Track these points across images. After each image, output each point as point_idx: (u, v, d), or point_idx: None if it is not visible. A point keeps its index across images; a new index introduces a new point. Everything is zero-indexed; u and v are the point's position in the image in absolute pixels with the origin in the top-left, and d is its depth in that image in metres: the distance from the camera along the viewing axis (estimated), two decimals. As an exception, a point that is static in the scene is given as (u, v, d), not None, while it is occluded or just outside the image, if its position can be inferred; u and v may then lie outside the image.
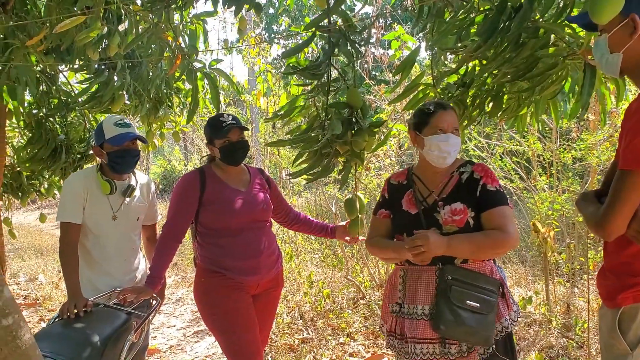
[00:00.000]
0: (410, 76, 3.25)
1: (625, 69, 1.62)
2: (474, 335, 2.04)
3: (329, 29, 2.39)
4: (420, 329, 2.11)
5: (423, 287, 2.15)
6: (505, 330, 2.12)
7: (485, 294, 2.08)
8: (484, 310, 2.05)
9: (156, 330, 5.08)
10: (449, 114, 2.17)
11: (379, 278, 5.36)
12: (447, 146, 2.14)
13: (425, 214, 2.18)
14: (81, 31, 2.57)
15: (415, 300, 2.16)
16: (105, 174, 2.76)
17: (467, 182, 2.18)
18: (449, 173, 2.23)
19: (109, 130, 2.70)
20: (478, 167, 2.22)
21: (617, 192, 1.49)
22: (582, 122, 5.10)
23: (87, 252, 2.73)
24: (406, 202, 2.27)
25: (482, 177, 2.16)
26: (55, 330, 2.23)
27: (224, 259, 2.62)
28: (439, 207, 2.15)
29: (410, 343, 2.13)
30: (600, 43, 1.65)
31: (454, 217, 2.12)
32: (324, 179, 6.47)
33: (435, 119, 2.16)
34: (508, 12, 2.09)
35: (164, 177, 18.26)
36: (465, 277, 2.09)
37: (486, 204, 2.12)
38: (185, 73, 2.81)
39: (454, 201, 2.14)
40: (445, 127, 2.14)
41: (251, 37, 6.47)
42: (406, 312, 2.18)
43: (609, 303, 1.67)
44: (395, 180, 2.39)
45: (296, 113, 2.65)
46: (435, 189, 2.22)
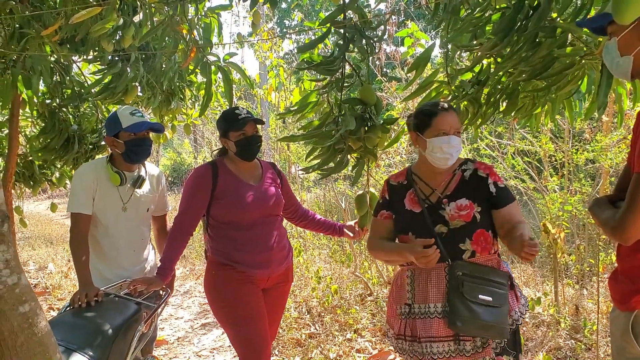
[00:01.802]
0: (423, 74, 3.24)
1: (637, 73, 1.61)
2: (489, 329, 2.04)
3: (344, 24, 2.38)
4: (435, 328, 2.10)
5: (434, 285, 2.14)
6: (515, 323, 2.13)
7: (496, 287, 2.09)
8: (496, 303, 2.06)
9: (164, 322, 5.10)
10: (450, 115, 2.17)
11: (387, 275, 5.35)
12: (450, 148, 2.14)
13: (430, 211, 2.18)
14: (96, 22, 2.58)
15: (427, 299, 2.15)
16: (116, 165, 2.78)
17: (471, 179, 2.21)
18: (451, 171, 2.25)
19: (126, 119, 2.71)
20: (480, 165, 2.25)
21: (635, 196, 1.47)
22: (595, 123, 5.07)
23: (96, 242, 2.75)
24: (409, 202, 2.27)
25: (489, 175, 2.20)
26: (66, 319, 2.24)
27: (235, 252, 2.63)
28: (444, 204, 2.17)
29: (425, 342, 2.11)
30: (610, 47, 1.64)
31: (461, 212, 2.13)
32: (334, 175, 6.47)
33: (437, 120, 2.16)
34: (525, 11, 2.08)
35: (174, 169, 18.32)
36: (475, 272, 2.10)
37: (503, 201, 2.16)
38: (199, 66, 2.81)
39: (459, 197, 2.17)
40: (447, 129, 2.14)
41: (264, 31, 6.47)
42: (417, 312, 2.17)
43: (622, 306, 1.66)
44: (394, 181, 2.39)
45: (309, 109, 2.65)
46: (438, 187, 2.23)
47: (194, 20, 2.89)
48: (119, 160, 2.79)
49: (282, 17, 20.93)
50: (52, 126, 3.67)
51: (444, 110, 2.18)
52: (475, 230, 2.14)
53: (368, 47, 2.46)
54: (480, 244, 2.15)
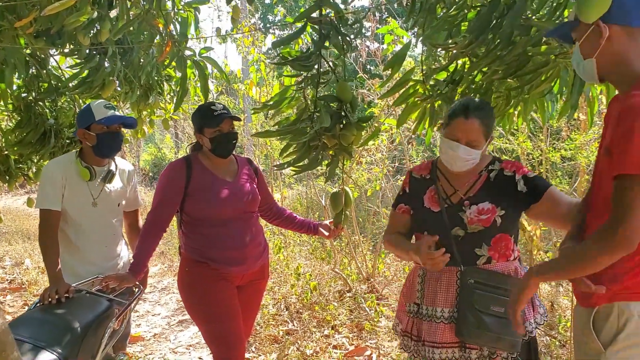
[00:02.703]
0: (403, 71, 3.24)
1: (603, 74, 1.65)
2: (498, 341, 1.96)
3: (319, 20, 2.37)
4: (440, 333, 2.04)
5: (443, 289, 2.08)
6: (529, 335, 2.03)
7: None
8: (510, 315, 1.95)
9: (141, 318, 5.07)
10: (468, 124, 2.00)
11: (366, 271, 5.37)
12: (454, 157, 2.04)
13: (449, 212, 2.09)
14: (71, 14, 2.55)
15: (434, 302, 2.09)
16: (86, 160, 2.75)
17: (496, 180, 2.10)
18: (477, 172, 2.13)
19: (99, 112, 2.69)
20: (507, 163, 2.13)
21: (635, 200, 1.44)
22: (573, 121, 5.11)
23: (67, 238, 2.72)
24: (428, 199, 2.18)
25: (515, 172, 2.08)
26: (35, 315, 2.22)
27: (209, 249, 2.61)
28: (465, 206, 2.07)
29: (428, 347, 2.06)
30: (575, 52, 1.68)
31: (480, 217, 2.04)
32: (315, 172, 6.48)
33: (453, 124, 2.03)
34: (500, 9, 2.08)
35: (154, 164, 18.17)
36: (489, 280, 2.00)
37: (538, 190, 2.03)
38: (175, 61, 2.79)
39: (482, 200, 2.06)
40: (459, 136, 2.01)
41: (245, 26, 6.43)
42: (424, 313, 2.11)
43: (584, 302, 1.69)
44: (417, 173, 2.29)
45: (285, 104, 2.64)
46: (461, 188, 2.12)
47: (171, 14, 2.87)
48: (89, 155, 2.76)
49: (266, 12, 20.85)
50: (28, 120, 3.62)
51: (463, 116, 2.01)
52: (494, 235, 2.04)
53: (344, 44, 2.45)
54: (498, 250, 2.05)
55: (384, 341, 4.09)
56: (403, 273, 5.38)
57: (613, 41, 1.57)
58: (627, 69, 1.58)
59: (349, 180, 5.30)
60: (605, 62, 1.60)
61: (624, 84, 1.61)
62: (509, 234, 2.08)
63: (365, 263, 5.55)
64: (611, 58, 1.59)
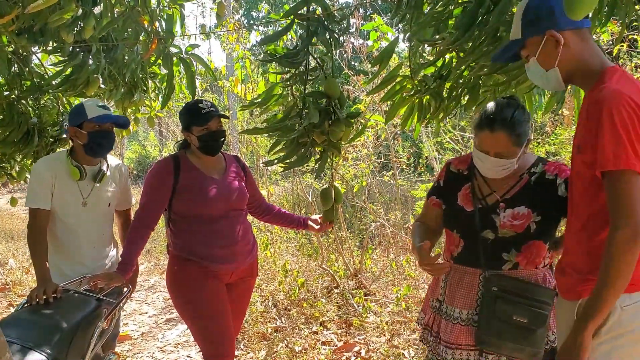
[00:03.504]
0: (389, 67, 3.25)
1: (567, 79, 1.70)
2: (520, 351, 1.92)
3: (307, 17, 2.37)
4: (455, 334, 2.02)
5: (464, 291, 2.04)
6: (551, 344, 1.99)
7: (536, 307, 1.91)
8: (533, 325, 1.90)
9: (128, 317, 5.04)
10: (495, 137, 1.90)
11: (353, 267, 5.38)
12: (484, 168, 1.98)
13: (482, 213, 2.01)
14: (55, 12, 2.52)
15: (453, 302, 2.05)
16: (76, 159, 2.72)
17: (537, 183, 1.99)
18: (518, 175, 2.02)
19: (91, 110, 2.66)
20: (550, 166, 2.01)
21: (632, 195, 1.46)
22: (557, 116, 5.17)
23: (55, 237, 2.69)
24: (462, 197, 2.10)
25: (557, 175, 1.96)
26: (23, 316, 2.19)
27: (198, 247, 2.60)
28: (500, 208, 1.98)
29: (443, 347, 2.04)
30: (532, 67, 1.74)
31: (514, 222, 1.95)
32: (301, 168, 6.47)
33: (481, 135, 1.95)
34: (486, 5, 2.09)
35: (138, 162, 18.04)
36: (514, 288, 1.93)
37: None
38: (161, 58, 2.77)
39: (519, 204, 1.96)
40: (487, 148, 1.94)
41: (230, 22, 6.40)
42: (444, 311, 2.09)
43: (568, 295, 1.71)
44: (455, 167, 2.20)
45: (273, 101, 2.63)
46: (499, 190, 2.03)
47: (156, 11, 2.84)
48: (80, 153, 2.73)
49: (250, 8, 20.77)
50: (11, 119, 3.57)
51: (489, 129, 1.91)
52: (526, 241, 1.96)
53: (332, 40, 2.45)
54: (528, 257, 1.97)
55: (373, 337, 4.11)
56: (390, 269, 5.40)
57: (569, 45, 1.64)
58: (586, 68, 1.65)
59: (337, 175, 5.30)
60: (567, 67, 1.66)
61: (586, 83, 1.67)
62: (543, 241, 1.98)
63: (353, 259, 5.56)
64: (571, 62, 1.66)
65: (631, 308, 1.58)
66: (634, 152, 1.46)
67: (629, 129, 1.46)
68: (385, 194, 6.86)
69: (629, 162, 1.45)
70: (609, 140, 1.46)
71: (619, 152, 1.45)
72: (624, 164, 1.45)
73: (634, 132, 1.46)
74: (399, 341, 3.98)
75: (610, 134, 1.46)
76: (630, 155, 1.45)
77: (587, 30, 1.67)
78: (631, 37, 4.42)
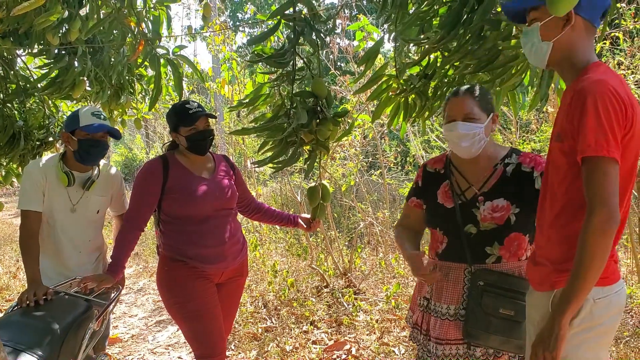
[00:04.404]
0: (374, 67, 3.27)
1: (552, 61, 1.70)
2: (506, 343, 1.95)
3: (294, 17, 2.39)
4: (444, 330, 2.04)
5: (450, 286, 2.06)
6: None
7: (521, 299, 1.92)
8: (519, 317, 1.92)
9: (118, 320, 5.02)
10: (460, 100, 1.98)
11: (343, 266, 5.41)
12: (457, 137, 1.97)
13: (462, 209, 2.04)
14: (40, 14, 2.51)
15: (440, 299, 2.08)
16: (68, 164, 2.72)
17: (513, 175, 2.02)
18: (492, 165, 2.05)
19: (85, 118, 2.66)
20: (525, 157, 2.04)
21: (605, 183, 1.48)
22: (542, 114, 5.23)
23: (41, 240, 2.68)
24: (442, 194, 2.13)
25: (534, 168, 2.00)
26: (14, 318, 2.19)
27: (188, 247, 2.60)
28: (479, 202, 2.01)
29: (433, 343, 2.06)
30: (531, 32, 1.71)
31: (494, 214, 1.98)
32: (290, 168, 6.48)
33: (447, 107, 2.02)
34: (471, 5, 2.12)
35: (125, 165, 17.96)
36: (499, 282, 1.96)
37: None
38: (148, 59, 2.78)
39: (497, 197, 1.99)
40: (454, 115, 1.98)
41: (216, 24, 6.40)
42: (432, 308, 2.11)
43: (542, 287, 1.71)
44: (431, 167, 2.23)
45: (261, 101, 2.65)
46: (476, 183, 2.06)
47: (142, 13, 2.85)
48: (71, 159, 2.73)
49: (235, 10, 20.74)
50: (-4, 122, 3.56)
51: (454, 95, 2.02)
52: (508, 234, 1.99)
53: (318, 40, 2.47)
54: (510, 250, 2.00)
55: (363, 335, 4.13)
56: (379, 267, 5.43)
57: (575, 31, 1.64)
58: (575, 59, 1.66)
59: (325, 174, 5.32)
60: (560, 48, 1.66)
61: (570, 73, 1.68)
62: (523, 233, 2.02)
63: (342, 258, 5.59)
64: (567, 46, 1.66)
65: (603, 301, 1.60)
66: (614, 141, 1.48)
67: (612, 118, 1.49)
68: (373, 193, 6.89)
69: (609, 149, 1.47)
70: (592, 127, 1.49)
71: (600, 140, 1.47)
72: (605, 151, 1.47)
73: (616, 121, 1.49)
74: (389, 339, 4.00)
75: (593, 122, 1.48)
76: (611, 143, 1.48)
77: (594, 29, 1.68)
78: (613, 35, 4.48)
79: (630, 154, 1.57)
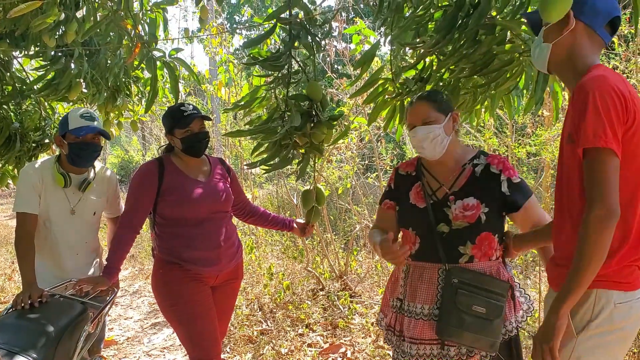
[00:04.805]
0: (370, 70, 3.29)
1: (553, 64, 1.72)
2: (478, 341, 1.97)
3: (289, 21, 2.40)
4: (419, 329, 2.05)
5: (424, 286, 2.08)
6: (509, 334, 2.05)
7: (493, 298, 1.98)
8: (490, 316, 1.97)
9: (113, 322, 5.01)
10: (416, 107, 2.08)
11: (339, 269, 5.41)
12: (418, 141, 2.06)
13: (434, 208, 2.08)
14: (37, 16, 2.52)
15: (415, 299, 2.09)
16: (63, 166, 2.72)
17: (482, 175, 2.07)
18: (461, 165, 2.12)
19: (73, 121, 2.66)
20: (493, 159, 2.10)
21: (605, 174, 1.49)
22: (537, 117, 5.24)
23: (38, 243, 2.68)
24: (414, 195, 2.17)
25: (502, 171, 2.05)
26: (9, 320, 2.18)
27: (183, 250, 2.61)
28: (450, 201, 2.06)
29: (407, 343, 2.07)
30: (539, 37, 1.74)
31: (465, 213, 2.02)
32: (286, 171, 6.49)
33: (407, 117, 2.12)
34: (466, 9, 2.14)
35: (121, 167, 17.93)
36: (472, 281, 2.00)
37: (520, 199, 2.03)
38: (145, 62, 2.78)
39: (467, 196, 2.04)
40: (413, 121, 2.08)
41: (213, 26, 6.41)
42: (406, 309, 2.12)
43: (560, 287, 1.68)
44: (403, 170, 2.29)
45: (257, 104, 2.66)
46: (446, 182, 2.11)
47: (139, 15, 2.85)
48: (65, 162, 2.73)
49: (232, 12, 20.75)
50: (-8, 124, 3.56)
51: (410, 105, 2.13)
52: (479, 233, 2.02)
53: (314, 44, 2.48)
54: (481, 249, 2.04)
55: (358, 338, 4.13)
56: (375, 270, 5.44)
57: (575, 35, 1.65)
58: (576, 65, 1.66)
59: (320, 178, 5.33)
60: (560, 52, 1.68)
61: (571, 78, 1.68)
62: (493, 233, 2.05)
63: (338, 261, 5.59)
64: (567, 50, 1.67)
65: (624, 306, 1.60)
66: (613, 134, 1.48)
67: (611, 111, 1.49)
68: (369, 196, 6.90)
69: (608, 141, 1.47)
70: (591, 120, 1.49)
71: (599, 132, 1.48)
72: (603, 143, 1.47)
73: (616, 115, 1.49)
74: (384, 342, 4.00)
75: (593, 115, 1.49)
76: (609, 135, 1.48)
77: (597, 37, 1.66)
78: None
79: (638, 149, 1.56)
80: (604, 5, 1.63)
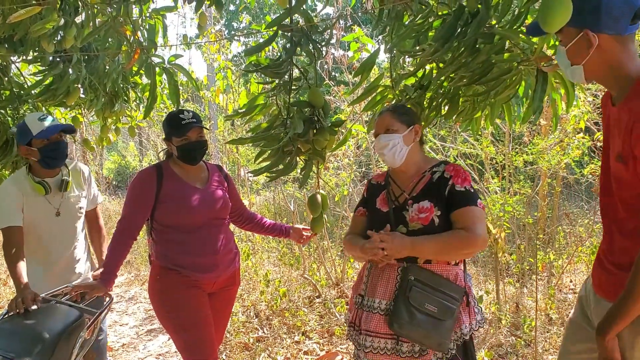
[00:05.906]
0: (369, 78, 3.29)
1: (593, 79, 1.67)
2: (427, 338, 2.05)
3: (291, 28, 2.40)
4: (374, 323, 2.14)
5: (383, 282, 2.18)
6: (463, 337, 2.12)
7: (446, 300, 2.08)
8: (441, 316, 2.06)
9: (109, 329, 4.97)
10: (382, 117, 2.28)
11: (335, 277, 5.40)
12: (380, 148, 2.24)
13: (395, 212, 2.22)
14: (36, 22, 2.51)
15: (374, 294, 2.19)
16: (36, 174, 2.72)
17: (437, 181, 2.21)
18: (421, 173, 2.27)
19: (35, 126, 2.66)
20: (450, 166, 2.24)
21: None
22: (534, 126, 5.26)
23: (29, 253, 2.66)
24: (380, 201, 2.33)
25: (451, 177, 2.18)
26: (4, 326, 2.17)
27: (180, 256, 2.60)
28: (409, 205, 2.19)
29: (363, 335, 2.16)
30: (561, 54, 1.68)
31: (420, 215, 2.14)
32: (283, 178, 6.47)
33: (374, 124, 2.32)
34: (465, 18, 2.14)
35: (118, 172, 17.86)
36: (428, 280, 2.09)
37: (454, 204, 2.13)
38: (144, 68, 2.78)
39: (423, 199, 2.17)
40: (378, 129, 2.27)
41: (211, 33, 6.42)
42: (365, 304, 2.21)
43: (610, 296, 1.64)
44: (375, 181, 2.47)
45: (257, 111, 2.65)
46: (407, 189, 2.26)
47: (138, 21, 2.85)
48: (38, 169, 2.73)
49: (230, 19, 20.78)
50: (-11, 129, 3.54)
51: (379, 115, 2.32)
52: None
53: (315, 51, 2.48)
54: None
55: (355, 345, 4.11)
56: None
57: (603, 49, 1.57)
58: (620, 73, 1.59)
59: (324, 184, 5.33)
60: (594, 68, 1.61)
61: (620, 88, 1.61)
62: None
63: (334, 268, 5.58)
64: (601, 65, 1.60)
65: None
66: None
67: None
68: (366, 204, 6.88)
69: None
70: None
71: None
72: None
73: None
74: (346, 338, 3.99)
75: None
76: None
77: (629, 37, 1.57)
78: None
79: None
80: (620, 10, 1.53)
